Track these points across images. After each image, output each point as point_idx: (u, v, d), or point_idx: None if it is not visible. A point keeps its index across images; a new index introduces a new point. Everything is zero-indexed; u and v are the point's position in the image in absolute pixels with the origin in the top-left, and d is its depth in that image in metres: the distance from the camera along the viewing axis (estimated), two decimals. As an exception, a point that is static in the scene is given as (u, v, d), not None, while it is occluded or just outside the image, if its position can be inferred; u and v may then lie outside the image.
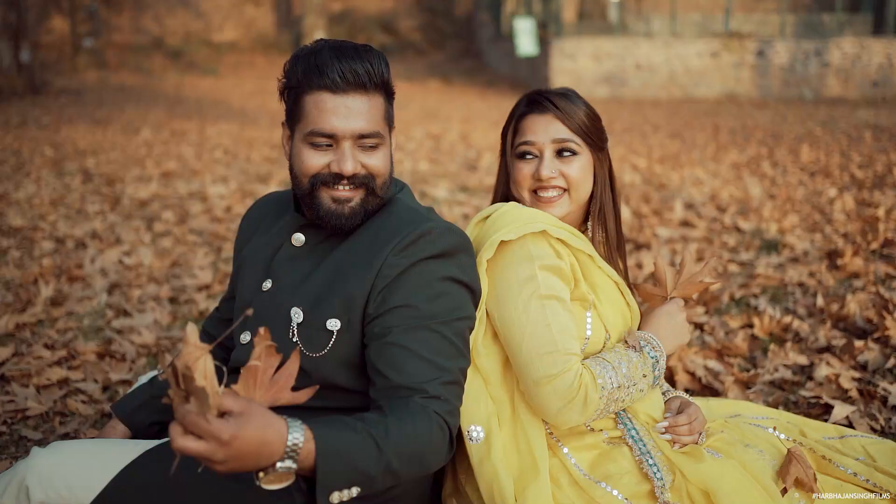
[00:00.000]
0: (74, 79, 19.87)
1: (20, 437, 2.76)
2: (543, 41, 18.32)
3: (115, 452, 1.75)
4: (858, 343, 3.22)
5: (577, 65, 17.87)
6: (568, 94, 2.01)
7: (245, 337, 1.87)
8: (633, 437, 1.87)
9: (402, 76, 21.91)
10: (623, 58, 17.82)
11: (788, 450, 1.88)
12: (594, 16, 21.19)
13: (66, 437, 2.74)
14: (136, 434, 2.10)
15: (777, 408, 2.81)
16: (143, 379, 2.36)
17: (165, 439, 1.84)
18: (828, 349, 3.32)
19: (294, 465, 1.35)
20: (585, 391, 1.75)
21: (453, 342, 1.70)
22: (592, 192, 2.03)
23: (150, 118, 13.37)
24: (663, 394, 2.08)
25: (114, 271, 4.60)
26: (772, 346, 3.30)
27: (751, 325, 3.63)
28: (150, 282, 4.44)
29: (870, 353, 3.18)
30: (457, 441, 1.80)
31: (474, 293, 1.80)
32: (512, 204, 1.95)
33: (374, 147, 1.75)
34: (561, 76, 17.76)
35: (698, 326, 3.66)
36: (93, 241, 5.33)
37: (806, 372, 3.13)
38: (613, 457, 1.84)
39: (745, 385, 3.03)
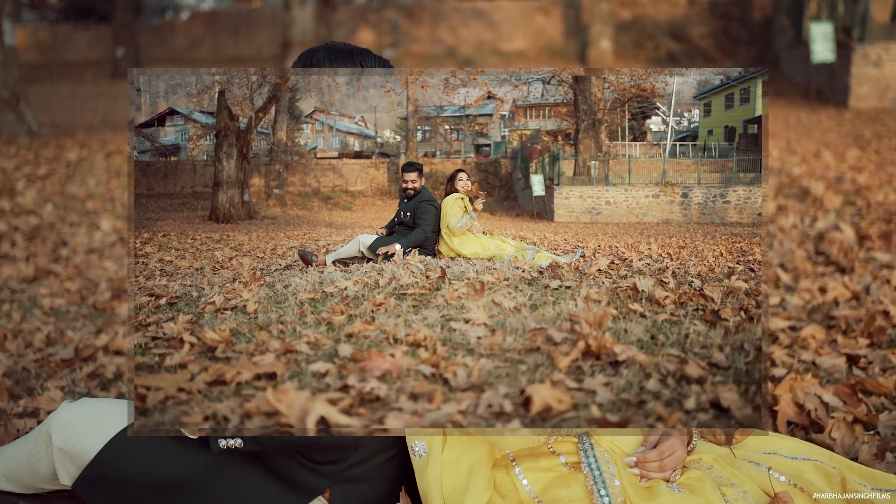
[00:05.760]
0: (373, 86, 21.78)
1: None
2: (844, 46, 16.54)
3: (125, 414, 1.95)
4: None
5: (884, 72, 15.89)
6: None
7: None
8: (590, 465, 1.75)
9: (686, 85, 21.00)
10: (942, 63, 15.53)
11: (776, 494, 1.67)
12: (913, 16, 18.65)
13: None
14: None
15: (884, 454, 2.35)
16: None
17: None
18: None
19: None
20: None
21: None
22: None
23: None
24: None
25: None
26: (920, 388, 2.75)
27: (917, 363, 3.03)
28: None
29: None
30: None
31: None
32: None
33: None
34: (863, 85, 15.91)
35: (851, 359, 3.13)
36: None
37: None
38: (567, 482, 1.74)
39: (865, 426, 2.56)
